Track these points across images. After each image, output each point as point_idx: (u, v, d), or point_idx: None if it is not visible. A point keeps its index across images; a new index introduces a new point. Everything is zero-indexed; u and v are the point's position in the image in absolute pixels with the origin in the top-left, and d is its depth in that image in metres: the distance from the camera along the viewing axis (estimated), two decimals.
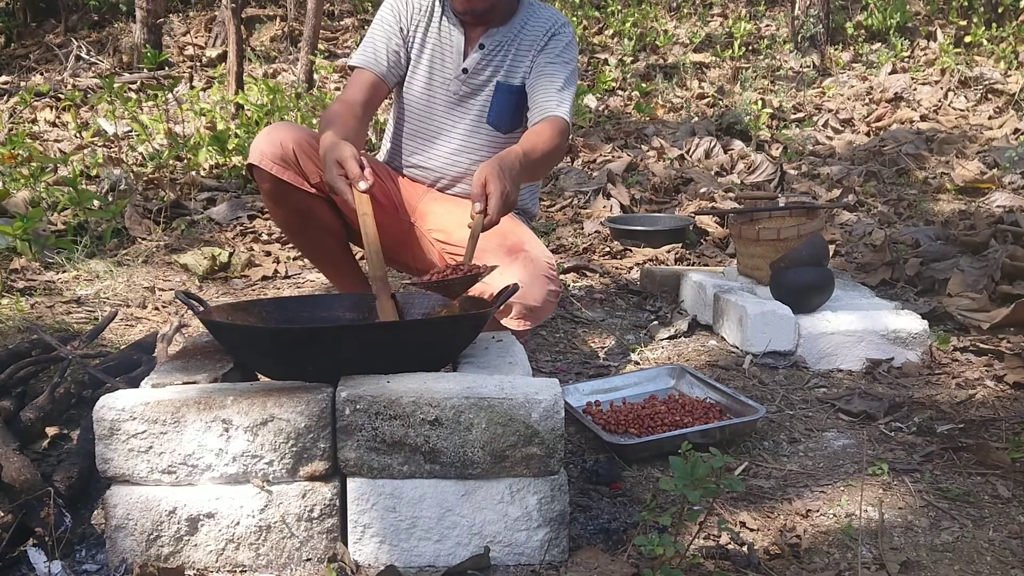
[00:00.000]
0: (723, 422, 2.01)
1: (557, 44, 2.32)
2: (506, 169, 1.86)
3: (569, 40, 2.34)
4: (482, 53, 2.33)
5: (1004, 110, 6.48)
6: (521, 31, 2.34)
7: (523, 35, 2.34)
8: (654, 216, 4.24)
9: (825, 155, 5.56)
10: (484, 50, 2.33)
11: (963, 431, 2.05)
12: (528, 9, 2.37)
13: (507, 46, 2.33)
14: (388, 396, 1.46)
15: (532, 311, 2.15)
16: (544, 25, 2.34)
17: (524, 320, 2.17)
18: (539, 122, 2.20)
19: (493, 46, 2.33)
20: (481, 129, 2.37)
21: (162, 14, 8.65)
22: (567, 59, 2.31)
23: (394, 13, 2.37)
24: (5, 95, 7.18)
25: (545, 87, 2.26)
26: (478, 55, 2.34)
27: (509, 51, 2.33)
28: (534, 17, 2.36)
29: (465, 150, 2.39)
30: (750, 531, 1.63)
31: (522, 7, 2.37)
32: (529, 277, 2.10)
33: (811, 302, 2.65)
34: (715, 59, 8.53)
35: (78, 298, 3.04)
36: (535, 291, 2.11)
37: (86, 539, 1.57)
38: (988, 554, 1.57)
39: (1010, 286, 2.85)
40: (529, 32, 2.34)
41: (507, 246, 2.20)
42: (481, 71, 2.35)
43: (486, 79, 2.35)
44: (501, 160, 1.88)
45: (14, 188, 3.96)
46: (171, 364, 1.74)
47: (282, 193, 2.29)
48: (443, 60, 2.37)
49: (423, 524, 1.49)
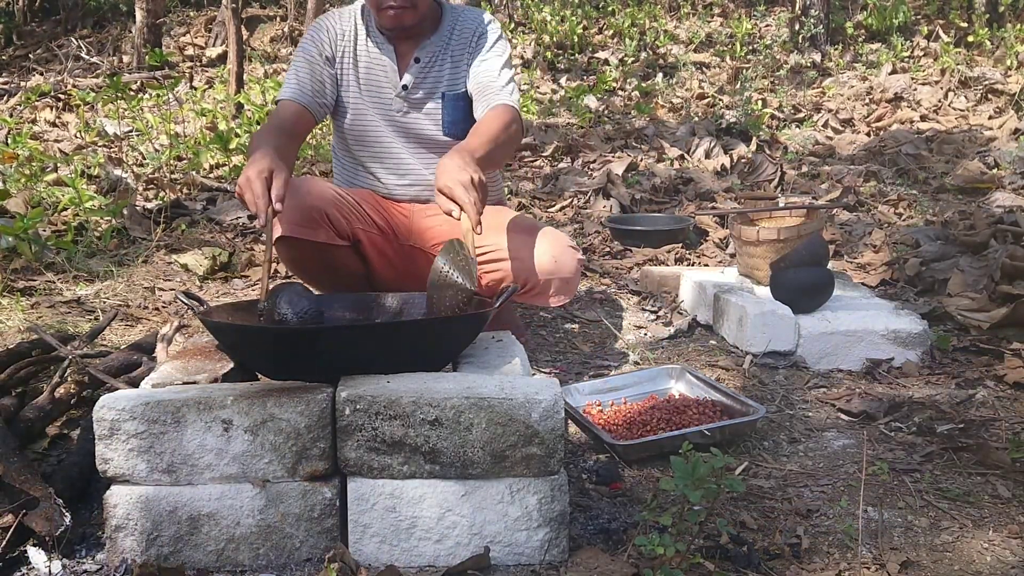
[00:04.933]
0: (723, 422, 2.01)
1: (486, 41, 2.30)
2: (456, 164, 1.82)
3: (497, 35, 2.32)
4: (419, 67, 2.29)
5: (1004, 110, 6.48)
6: (451, 38, 2.31)
7: (454, 41, 2.31)
8: (654, 216, 4.23)
9: (825, 155, 5.55)
10: (420, 63, 2.29)
11: (963, 431, 2.05)
12: (452, 15, 2.33)
13: (441, 55, 2.30)
14: (388, 396, 1.46)
15: (567, 283, 2.21)
16: (471, 27, 2.31)
17: (561, 295, 2.23)
18: (486, 114, 2.16)
19: (428, 58, 2.29)
20: (441, 140, 2.32)
21: (162, 14, 8.65)
22: (499, 52, 2.29)
23: (315, 43, 2.31)
24: (5, 95, 7.18)
25: (484, 82, 2.23)
26: (415, 68, 2.29)
27: (445, 60, 2.30)
28: (460, 21, 2.32)
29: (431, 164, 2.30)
30: (750, 531, 1.63)
31: (446, 15, 2.33)
32: (558, 250, 2.18)
33: (811, 302, 2.65)
34: (715, 59, 8.53)
35: (78, 298, 3.04)
36: (567, 263, 2.19)
37: (86, 539, 1.57)
38: (988, 554, 1.57)
39: (1010, 286, 2.84)
40: (459, 37, 2.31)
41: (524, 227, 2.24)
42: (420, 85, 2.30)
43: (428, 92, 2.31)
44: (449, 161, 1.84)
45: (14, 188, 3.96)
46: (171, 364, 1.74)
47: (314, 255, 2.22)
48: (379, 81, 2.32)
49: (423, 524, 1.49)
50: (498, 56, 2.28)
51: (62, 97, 6.88)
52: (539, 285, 2.18)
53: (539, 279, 2.17)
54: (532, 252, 2.17)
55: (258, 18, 9.90)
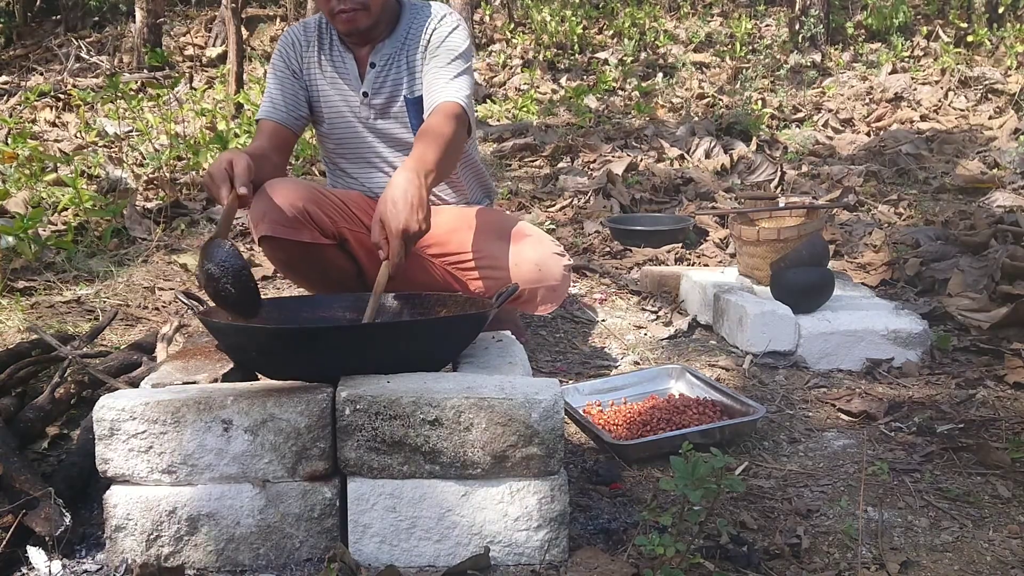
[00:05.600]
0: (723, 422, 2.01)
1: (438, 37, 2.22)
2: (399, 200, 1.73)
3: (451, 28, 2.23)
4: (375, 72, 2.26)
5: (1004, 110, 6.48)
6: (407, 39, 2.26)
7: (409, 42, 2.26)
8: (654, 216, 4.23)
9: (825, 155, 5.56)
10: (376, 68, 2.26)
11: (963, 431, 2.05)
12: (410, 14, 2.28)
13: (397, 58, 2.26)
14: (388, 396, 1.46)
15: (554, 290, 2.16)
16: (422, 24, 2.25)
17: (549, 303, 2.18)
18: (429, 115, 2.09)
19: (383, 61, 2.26)
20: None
21: (162, 14, 8.65)
22: (450, 46, 2.20)
23: (283, 59, 2.31)
24: (5, 95, 7.18)
25: (430, 80, 2.18)
26: (372, 74, 2.26)
27: (401, 62, 2.26)
28: (416, 20, 2.26)
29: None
30: (750, 531, 1.63)
31: (404, 14, 2.28)
32: (542, 257, 2.13)
33: (811, 302, 2.65)
34: (715, 59, 8.53)
35: (78, 298, 3.04)
36: (552, 269, 2.14)
37: (86, 539, 1.57)
38: (988, 554, 1.57)
39: (1010, 286, 2.84)
40: (413, 37, 2.26)
41: (506, 233, 2.18)
42: (380, 90, 2.27)
43: (388, 97, 2.28)
44: (393, 190, 1.75)
45: (14, 188, 3.96)
46: (171, 364, 1.74)
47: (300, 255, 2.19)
48: (345, 89, 2.30)
49: (423, 524, 1.49)
50: (449, 51, 2.19)
51: (62, 97, 6.88)
52: (524, 294, 2.14)
53: (524, 288, 2.12)
54: (515, 261, 2.13)
55: (258, 18, 9.90)
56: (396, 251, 1.73)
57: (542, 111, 6.80)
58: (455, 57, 2.19)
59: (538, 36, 9.00)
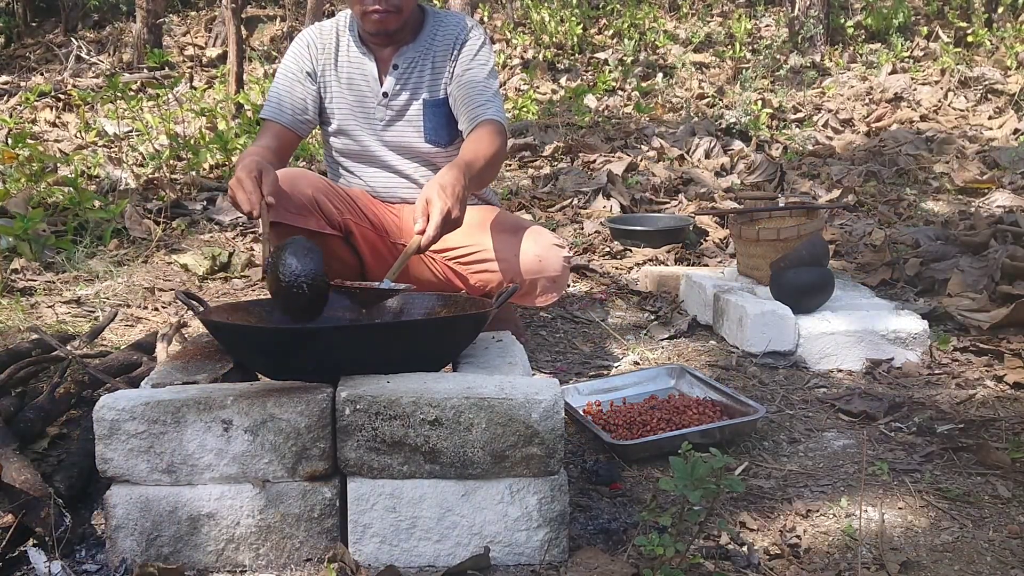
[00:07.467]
0: (723, 422, 2.01)
1: (470, 49, 2.28)
2: (447, 187, 1.83)
3: (481, 42, 2.30)
4: (397, 74, 2.29)
5: (1004, 110, 6.48)
6: (432, 44, 2.29)
7: (434, 47, 2.30)
8: (654, 216, 4.23)
9: (825, 155, 5.55)
10: (399, 70, 2.29)
11: (963, 431, 2.05)
12: (434, 20, 2.32)
13: (421, 62, 2.29)
14: (388, 396, 1.46)
15: (554, 282, 2.23)
16: (452, 32, 2.30)
17: (549, 294, 2.25)
18: (474, 129, 2.17)
19: (407, 64, 2.29)
20: (423, 148, 2.33)
21: (162, 14, 8.65)
22: (482, 60, 2.28)
23: (296, 60, 2.32)
24: (5, 95, 7.18)
25: (468, 94, 2.23)
26: (393, 76, 2.29)
27: (425, 66, 2.29)
28: (442, 27, 2.30)
29: (416, 171, 2.37)
30: (750, 531, 1.63)
31: (428, 20, 2.31)
32: (542, 249, 2.20)
33: (811, 302, 2.65)
34: (715, 59, 8.53)
35: (78, 298, 3.04)
36: (552, 261, 2.21)
37: (86, 539, 1.57)
38: (988, 554, 1.57)
39: (1010, 286, 2.84)
40: (440, 43, 2.30)
41: (508, 227, 2.25)
42: (400, 92, 2.30)
43: (408, 99, 2.30)
44: (443, 178, 1.86)
45: (14, 188, 3.96)
46: (171, 364, 1.74)
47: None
48: (361, 90, 2.32)
49: (423, 524, 1.49)
50: (483, 65, 2.27)
51: (62, 97, 6.87)
52: (525, 285, 2.20)
53: (524, 279, 2.19)
54: (516, 252, 2.19)
55: (258, 18, 9.90)
56: (435, 225, 1.79)
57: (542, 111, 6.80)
58: (490, 72, 2.28)
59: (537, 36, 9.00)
